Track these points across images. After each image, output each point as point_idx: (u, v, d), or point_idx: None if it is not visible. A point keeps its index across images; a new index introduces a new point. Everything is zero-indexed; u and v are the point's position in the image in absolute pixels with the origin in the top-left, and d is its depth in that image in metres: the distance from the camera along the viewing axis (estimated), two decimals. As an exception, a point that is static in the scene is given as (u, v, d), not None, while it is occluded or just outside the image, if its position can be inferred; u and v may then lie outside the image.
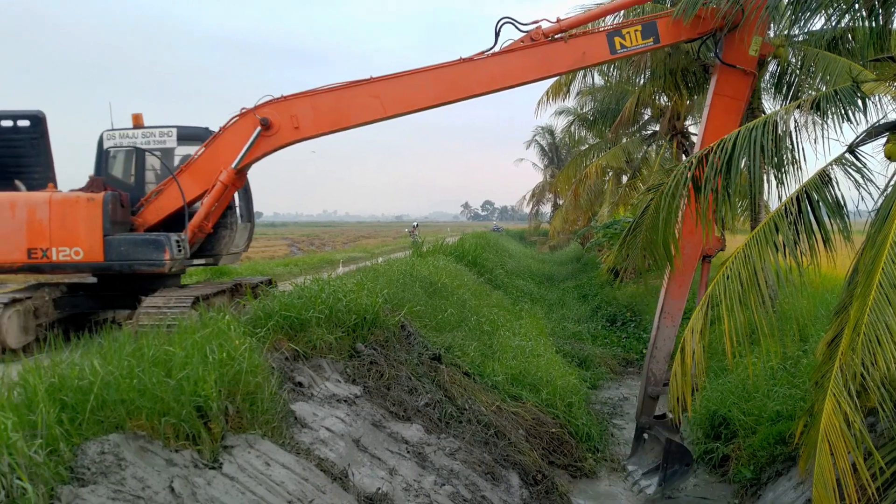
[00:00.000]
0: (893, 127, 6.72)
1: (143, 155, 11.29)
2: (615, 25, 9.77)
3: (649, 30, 9.40)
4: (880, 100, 10.25)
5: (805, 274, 7.19)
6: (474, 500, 7.65)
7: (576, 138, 42.65)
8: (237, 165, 10.29)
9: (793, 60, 13.38)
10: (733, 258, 7.54)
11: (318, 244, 63.78)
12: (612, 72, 20.25)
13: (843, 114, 7.24)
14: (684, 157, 24.06)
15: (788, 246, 7.00)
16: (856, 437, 6.13)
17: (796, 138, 7.46)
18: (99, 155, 11.37)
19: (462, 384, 10.19)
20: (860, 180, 6.86)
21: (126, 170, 11.46)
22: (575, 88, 24.39)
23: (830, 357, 6.67)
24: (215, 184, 10.44)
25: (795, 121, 7.51)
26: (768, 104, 15.33)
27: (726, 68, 9.23)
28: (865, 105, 7.30)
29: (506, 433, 9.47)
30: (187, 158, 11.10)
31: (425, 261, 18.25)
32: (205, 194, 10.62)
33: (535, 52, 9.58)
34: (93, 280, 11.52)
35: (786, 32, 10.15)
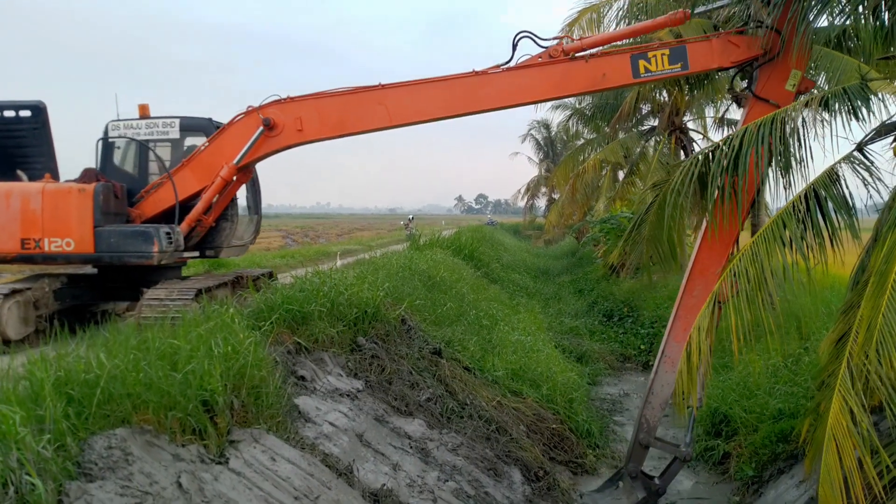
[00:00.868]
0: (902, 126, 6.69)
1: (146, 146, 11.21)
2: (640, 48, 9.13)
3: (678, 55, 8.77)
4: (883, 98, 10.20)
5: (813, 272, 7.16)
6: (478, 496, 7.63)
7: (571, 133, 42.66)
8: (238, 162, 10.21)
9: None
10: (740, 256, 7.52)
11: (312, 236, 63.66)
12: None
13: (852, 111, 7.21)
14: (682, 153, 24.12)
15: (796, 243, 6.98)
16: (862, 436, 6.13)
17: (804, 135, 7.40)
18: (104, 146, 11.28)
19: (463, 379, 10.15)
20: (868, 178, 6.85)
21: (129, 161, 11.39)
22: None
23: (837, 356, 6.66)
24: (216, 179, 10.36)
25: (804, 118, 7.47)
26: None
27: (759, 102, 8.41)
28: (870, 103, 7.29)
29: (507, 429, 9.45)
30: (193, 149, 11.02)
31: (423, 254, 18.20)
32: (205, 189, 10.53)
33: (552, 69, 9.13)
34: (93, 271, 11.45)
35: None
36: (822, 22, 8.45)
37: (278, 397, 6.65)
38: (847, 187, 6.93)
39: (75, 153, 11.53)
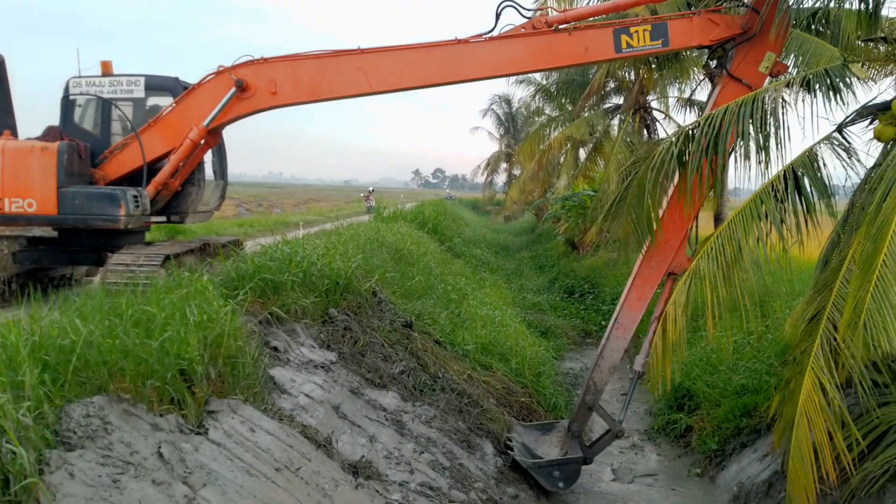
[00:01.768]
0: (883, 108, 6.79)
1: (109, 105, 10.76)
2: (623, 22, 9.02)
3: (659, 31, 8.69)
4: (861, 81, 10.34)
5: (788, 251, 7.26)
6: (452, 467, 7.62)
7: (532, 109, 42.64)
8: (208, 124, 9.86)
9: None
10: (718, 234, 7.60)
11: (266, 206, 62.69)
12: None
13: (832, 90, 7.28)
14: (646, 133, 24.31)
15: (774, 223, 7.07)
16: (834, 412, 6.27)
17: (783, 115, 7.45)
18: (64, 103, 10.81)
19: (434, 352, 10.10)
20: (846, 159, 6.96)
21: (91, 120, 10.93)
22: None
23: (810, 335, 6.80)
24: (184, 141, 10.01)
25: (784, 98, 7.52)
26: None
27: (731, 81, 8.42)
28: (850, 84, 7.39)
29: (478, 401, 9.46)
30: (158, 110, 10.65)
31: (389, 227, 18.05)
32: (173, 151, 10.17)
33: (535, 41, 8.95)
34: (54, 234, 11.03)
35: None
36: (807, 2, 8.49)
37: (255, 368, 6.52)
38: (825, 168, 7.02)
39: (35, 112, 11.04)
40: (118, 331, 5.38)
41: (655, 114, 25.15)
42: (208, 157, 11.40)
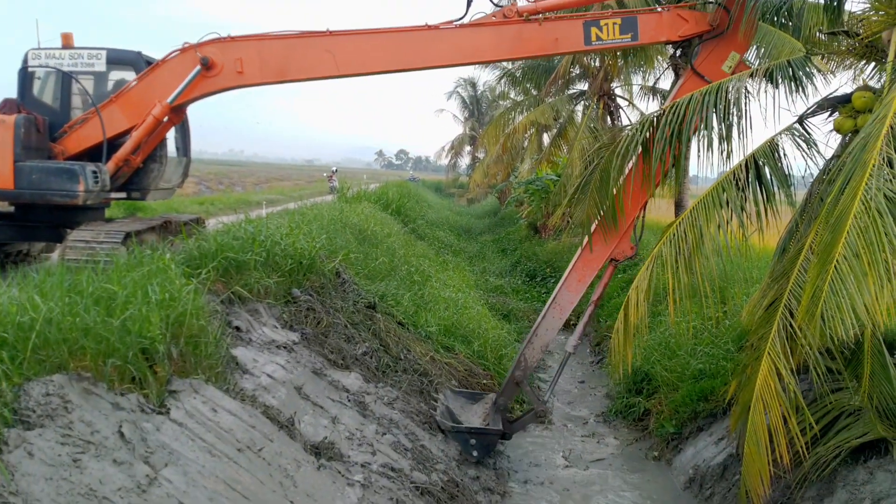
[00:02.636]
0: (843, 101, 6.93)
1: (70, 78, 10.47)
2: (594, 15, 9.02)
3: (629, 25, 8.70)
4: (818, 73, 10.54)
5: (748, 239, 7.41)
6: (415, 449, 7.66)
7: (497, 93, 42.64)
8: (172, 101, 9.65)
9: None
10: (680, 221, 7.71)
11: (227, 184, 61.62)
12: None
13: (795, 82, 7.42)
14: (609, 119, 24.49)
15: (735, 211, 7.20)
16: (789, 397, 6.44)
17: (746, 105, 7.56)
18: (22, 75, 10.48)
19: (397, 334, 10.13)
20: (807, 150, 7.10)
21: (51, 93, 10.61)
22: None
23: (768, 321, 6.94)
24: (147, 118, 9.79)
25: (747, 89, 7.63)
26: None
27: (694, 76, 8.49)
28: (812, 76, 7.53)
29: (441, 383, 9.51)
30: (119, 84, 10.39)
31: (353, 207, 17.95)
32: (135, 128, 9.95)
33: (506, 30, 8.92)
34: (10, 209, 10.74)
35: None
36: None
37: (217, 348, 6.47)
38: (786, 158, 7.16)
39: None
40: (79, 308, 5.28)
41: (619, 101, 25.34)
42: (171, 134, 11.17)
